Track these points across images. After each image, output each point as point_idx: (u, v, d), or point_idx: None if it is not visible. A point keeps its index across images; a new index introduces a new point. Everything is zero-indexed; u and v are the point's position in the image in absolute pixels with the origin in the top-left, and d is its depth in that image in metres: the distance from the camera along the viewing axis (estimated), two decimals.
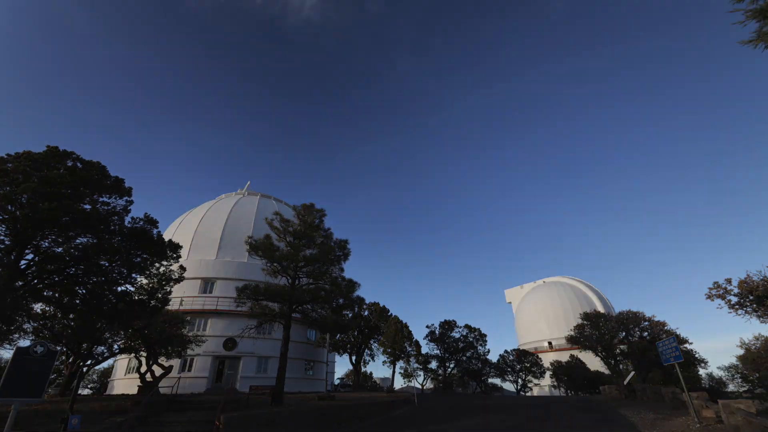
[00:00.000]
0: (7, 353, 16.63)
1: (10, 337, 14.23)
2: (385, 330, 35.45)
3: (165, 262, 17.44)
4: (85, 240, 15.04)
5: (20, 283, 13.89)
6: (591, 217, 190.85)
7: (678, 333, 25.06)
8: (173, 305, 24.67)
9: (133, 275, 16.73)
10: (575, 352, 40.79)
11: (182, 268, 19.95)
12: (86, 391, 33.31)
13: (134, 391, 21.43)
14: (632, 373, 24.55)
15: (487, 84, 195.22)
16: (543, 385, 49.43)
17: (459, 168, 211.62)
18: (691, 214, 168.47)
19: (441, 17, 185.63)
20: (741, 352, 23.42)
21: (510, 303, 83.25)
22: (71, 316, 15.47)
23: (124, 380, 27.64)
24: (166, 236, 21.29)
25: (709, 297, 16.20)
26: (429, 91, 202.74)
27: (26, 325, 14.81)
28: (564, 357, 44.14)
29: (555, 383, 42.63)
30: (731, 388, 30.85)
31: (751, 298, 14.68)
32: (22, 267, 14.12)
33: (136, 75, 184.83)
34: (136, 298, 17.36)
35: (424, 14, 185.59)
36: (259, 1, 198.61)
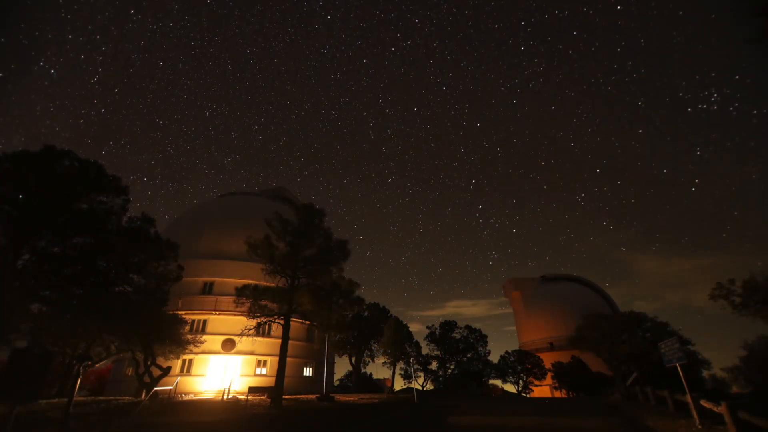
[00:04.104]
0: (3, 354, 16.54)
1: (7, 338, 14.12)
2: (384, 331, 35.31)
3: (163, 262, 17.35)
4: (83, 240, 14.96)
5: (17, 284, 13.81)
6: (590, 229, 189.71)
7: (681, 334, 24.92)
8: (172, 305, 24.56)
9: (131, 275, 16.64)
10: (577, 353, 40.55)
11: (180, 268, 19.85)
12: (83, 393, 33.21)
13: (132, 392, 21.32)
14: (634, 374, 24.39)
15: None
16: (544, 386, 49.15)
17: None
18: (694, 212, 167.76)
19: None
20: (744, 353, 23.25)
21: (510, 302, 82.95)
22: (68, 316, 15.34)
23: (121, 381, 27.53)
24: (166, 234, 21.21)
25: (713, 297, 16.07)
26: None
27: (23, 326, 14.70)
28: (565, 358, 43.89)
29: (556, 384, 42.39)
30: (735, 389, 30.63)
31: (755, 298, 14.54)
32: (19, 267, 14.04)
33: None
34: (134, 298, 17.27)
35: None
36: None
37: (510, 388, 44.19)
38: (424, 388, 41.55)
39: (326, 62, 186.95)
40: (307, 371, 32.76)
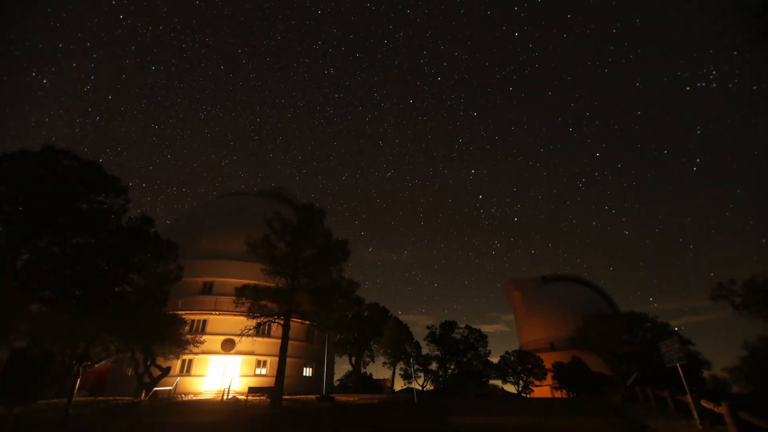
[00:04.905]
0: (3, 354, 16.51)
1: (7, 338, 14.10)
2: (385, 331, 35.28)
3: (162, 262, 17.33)
4: (82, 240, 14.95)
5: (17, 284, 13.78)
6: (592, 213, 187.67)
7: (681, 334, 24.87)
8: (171, 305, 24.56)
9: (131, 275, 16.62)
10: (577, 353, 40.49)
11: (180, 268, 19.83)
12: (83, 393, 33.20)
13: (132, 392, 21.29)
14: (634, 374, 24.34)
15: None
16: (544, 386, 49.10)
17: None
18: (695, 211, 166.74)
19: None
20: (745, 353, 23.21)
21: (510, 302, 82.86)
22: (68, 316, 15.32)
23: (121, 382, 27.51)
24: (166, 235, 21.23)
25: (713, 298, 16.07)
26: None
27: (22, 326, 14.68)
28: (566, 358, 43.82)
29: (557, 385, 42.32)
30: (735, 390, 30.57)
31: (755, 298, 14.52)
32: (19, 267, 14.03)
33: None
34: (134, 298, 17.25)
35: None
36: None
37: (510, 388, 44.12)
38: (424, 389, 41.49)
39: (319, 58, 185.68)
40: (307, 371, 32.73)
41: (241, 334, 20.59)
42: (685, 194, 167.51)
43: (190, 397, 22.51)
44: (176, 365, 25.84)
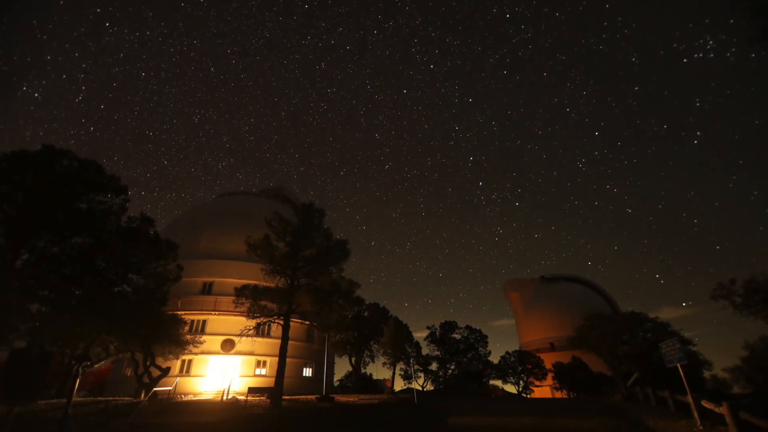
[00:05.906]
0: (3, 354, 16.48)
1: (6, 338, 14.08)
2: (385, 331, 35.26)
3: (162, 262, 17.31)
4: (82, 240, 14.93)
5: (16, 284, 13.76)
6: (594, 193, 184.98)
7: (682, 334, 24.85)
8: (171, 305, 24.53)
9: (130, 275, 16.60)
10: (577, 354, 40.46)
11: (180, 268, 19.81)
12: (82, 393, 33.16)
13: (131, 393, 21.28)
14: (635, 374, 24.31)
15: None
16: (545, 386, 49.08)
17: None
18: (698, 185, 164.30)
19: None
20: (745, 353, 23.19)
21: (509, 302, 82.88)
22: (67, 316, 15.31)
23: (121, 382, 27.49)
24: (166, 235, 21.22)
25: (714, 297, 16.06)
26: None
27: (22, 326, 14.66)
28: (566, 358, 43.80)
29: (557, 385, 42.31)
30: (736, 390, 30.55)
31: (756, 298, 14.51)
32: (18, 267, 14.00)
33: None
34: (134, 298, 17.24)
35: None
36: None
37: (510, 388, 44.14)
38: (425, 389, 41.50)
39: (309, 53, 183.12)
40: (307, 372, 32.70)
41: (240, 335, 20.58)
42: (687, 168, 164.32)
43: (190, 397, 22.48)
44: (176, 365, 25.82)
